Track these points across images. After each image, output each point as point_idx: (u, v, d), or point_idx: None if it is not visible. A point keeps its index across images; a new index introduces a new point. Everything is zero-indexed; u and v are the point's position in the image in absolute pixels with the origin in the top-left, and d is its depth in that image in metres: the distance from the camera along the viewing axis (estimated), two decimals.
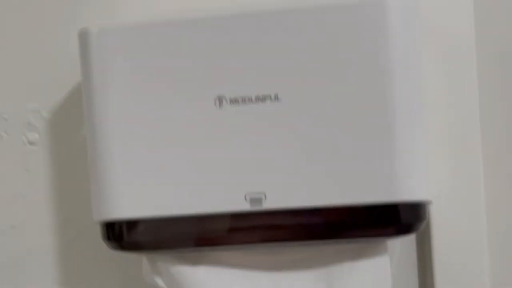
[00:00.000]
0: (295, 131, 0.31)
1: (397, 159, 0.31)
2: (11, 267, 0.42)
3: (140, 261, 0.39)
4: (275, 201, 0.31)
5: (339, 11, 0.30)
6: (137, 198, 0.32)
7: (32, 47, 0.41)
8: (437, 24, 0.37)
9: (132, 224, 0.32)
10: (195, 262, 0.34)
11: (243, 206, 0.31)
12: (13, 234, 0.42)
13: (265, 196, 0.31)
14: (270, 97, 0.31)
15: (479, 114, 0.38)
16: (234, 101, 0.31)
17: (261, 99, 0.31)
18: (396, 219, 0.31)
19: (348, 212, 0.31)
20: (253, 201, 0.31)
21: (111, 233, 0.33)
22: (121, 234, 0.33)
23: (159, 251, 0.33)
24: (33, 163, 0.42)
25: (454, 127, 0.38)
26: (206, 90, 0.31)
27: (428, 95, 0.37)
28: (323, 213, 0.31)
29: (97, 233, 0.39)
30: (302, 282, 0.33)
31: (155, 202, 0.32)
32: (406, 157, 0.31)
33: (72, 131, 0.41)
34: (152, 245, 0.33)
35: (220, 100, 0.31)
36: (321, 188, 0.31)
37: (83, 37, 0.33)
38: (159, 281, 0.34)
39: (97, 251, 0.41)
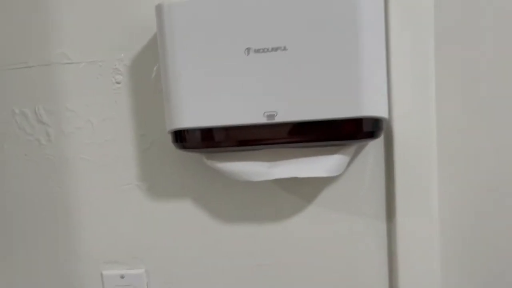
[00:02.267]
0: (296, 72, 0.47)
1: (363, 88, 0.47)
2: (105, 167, 0.61)
3: (194, 159, 0.58)
4: (283, 116, 0.48)
5: None
6: (195, 114, 0.49)
7: (118, 14, 0.57)
8: None
9: (191, 131, 0.50)
10: (230, 159, 0.52)
11: (262, 119, 0.48)
12: (107, 145, 0.61)
13: (276, 113, 0.48)
14: (281, 48, 0.47)
15: (434, 57, 0.53)
16: (257, 50, 0.48)
17: (275, 49, 0.47)
18: (361, 128, 0.48)
19: (330, 123, 0.48)
20: (269, 116, 0.48)
21: (178, 138, 0.51)
22: (184, 138, 0.51)
23: (208, 150, 0.51)
24: (119, 96, 0.60)
25: (415, 66, 0.52)
26: (240, 44, 0.48)
27: (394, 43, 0.52)
28: (313, 124, 0.48)
29: (163, 143, 0.58)
30: (293, 164, 0.50)
31: (207, 117, 0.49)
32: (369, 87, 0.47)
33: (145, 74, 0.58)
34: (204, 145, 0.51)
35: (248, 50, 0.48)
36: (312, 108, 0.47)
37: (159, 9, 0.49)
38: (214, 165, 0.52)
39: (164, 155, 0.60)
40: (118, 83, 0.59)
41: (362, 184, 0.56)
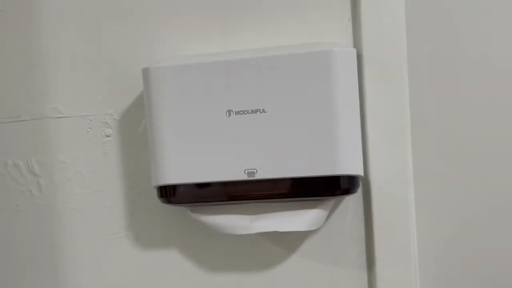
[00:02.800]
0: (274, 132, 0.50)
1: (338, 149, 0.49)
2: (93, 217, 0.63)
3: (180, 211, 0.60)
4: (263, 174, 0.50)
5: (300, 58, 0.49)
6: (178, 171, 0.52)
7: (107, 72, 0.61)
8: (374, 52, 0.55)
9: (175, 187, 0.53)
10: (214, 212, 0.55)
11: (243, 176, 0.51)
12: (96, 196, 0.63)
13: (256, 171, 0.51)
14: (260, 110, 0.50)
15: (409, 110, 0.56)
16: (237, 112, 0.50)
17: (254, 111, 0.50)
18: (338, 185, 0.50)
19: (309, 181, 0.50)
20: (249, 174, 0.51)
21: (163, 193, 0.54)
22: (168, 193, 0.53)
23: (193, 204, 0.54)
24: (108, 148, 0.62)
25: (390, 120, 0.55)
26: (221, 106, 0.51)
27: (369, 103, 0.55)
28: (292, 181, 0.50)
29: (150, 195, 0.61)
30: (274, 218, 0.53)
31: (190, 174, 0.51)
32: (344, 148, 0.50)
33: (133, 128, 0.61)
34: (187, 200, 0.53)
35: (229, 112, 0.51)
36: (290, 166, 0.50)
37: (145, 72, 0.53)
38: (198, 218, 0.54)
39: (151, 207, 0.62)
40: (107, 136, 0.62)
41: (343, 235, 0.59)
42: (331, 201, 0.54)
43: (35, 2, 0.62)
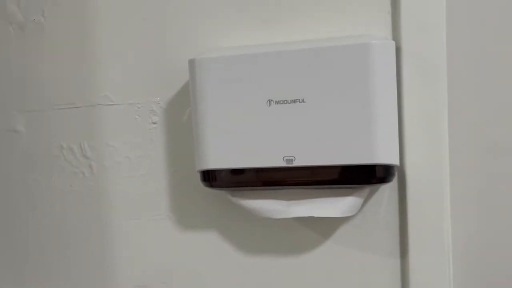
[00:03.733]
0: (313, 122, 0.52)
1: (375, 138, 0.51)
2: (140, 199, 0.67)
3: (220, 196, 0.63)
4: (301, 161, 0.53)
5: (339, 50, 0.51)
6: (220, 157, 0.55)
7: (155, 62, 0.64)
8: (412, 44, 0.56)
9: (217, 172, 0.56)
10: (253, 197, 0.58)
11: (281, 163, 0.53)
12: (142, 179, 0.67)
13: (295, 158, 0.53)
14: (299, 100, 0.52)
15: (446, 103, 0.57)
16: (277, 102, 0.53)
17: (294, 101, 0.53)
18: (373, 174, 0.52)
19: (345, 169, 0.52)
20: (287, 161, 0.53)
21: (206, 177, 0.57)
22: (211, 177, 0.56)
23: (233, 188, 0.57)
24: (154, 135, 0.66)
25: (428, 112, 0.56)
26: (262, 96, 0.53)
27: (407, 95, 0.56)
28: (329, 169, 0.52)
29: (193, 180, 0.64)
30: (310, 204, 0.55)
31: (232, 159, 0.54)
32: (381, 137, 0.51)
33: (178, 116, 0.65)
34: (228, 185, 0.56)
35: (270, 101, 0.53)
36: (327, 154, 0.52)
37: (191, 63, 0.56)
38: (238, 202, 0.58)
39: (193, 191, 0.65)
40: (154, 123, 0.66)
41: (377, 223, 0.60)
42: (366, 189, 0.56)
43: None
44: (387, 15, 0.58)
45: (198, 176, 0.63)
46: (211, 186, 0.57)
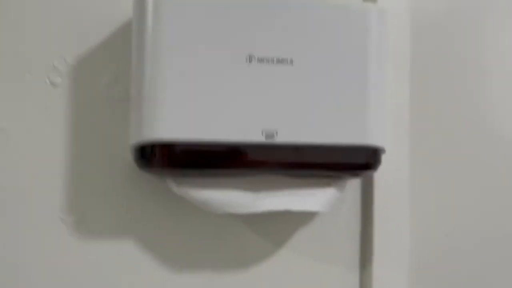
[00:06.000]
0: (301, 89, 0.42)
1: (371, 117, 0.43)
2: (22, 197, 0.46)
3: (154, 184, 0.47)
4: (284, 137, 0.41)
5: (336, 10, 0.43)
6: (178, 124, 0.39)
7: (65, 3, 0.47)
8: None
9: (167, 146, 0.40)
10: (208, 186, 0.43)
11: (259, 138, 0.41)
12: (26, 166, 0.46)
13: (277, 133, 0.41)
14: (286, 60, 0.42)
15: (409, 102, 0.53)
16: (260, 60, 0.41)
17: (280, 61, 0.42)
18: (367, 158, 0.44)
19: (335, 150, 0.42)
20: (268, 135, 0.41)
21: (146, 154, 0.41)
22: (156, 154, 0.40)
23: (187, 170, 0.42)
24: (52, 102, 0.47)
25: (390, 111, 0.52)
26: (241, 50, 0.41)
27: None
28: (316, 149, 0.42)
29: (109, 164, 0.46)
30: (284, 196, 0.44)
31: (193, 129, 0.40)
32: (376, 116, 0.44)
33: (93, 77, 0.47)
34: (183, 164, 0.41)
35: (250, 58, 0.41)
36: (317, 131, 0.42)
37: (141, 2, 0.41)
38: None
39: (108, 180, 0.47)
40: (54, 85, 0.47)
41: (337, 227, 0.51)
42: (345, 182, 0.47)
43: None
44: None
45: (115, 160, 0.47)
46: (152, 166, 0.41)
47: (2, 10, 0.46)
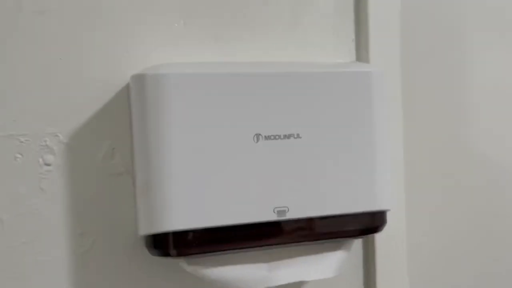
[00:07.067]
0: (311, 162, 0.42)
1: (379, 183, 0.44)
2: (21, 279, 0.44)
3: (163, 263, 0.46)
4: (296, 212, 0.41)
5: (340, 76, 0.43)
6: (185, 213, 0.39)
7: (56, 75, 0.44)
8: None
9: (182, 234, 0.39)
10: (220, 262, 0.43)
11: (271, 216, 0.41)
12: (21, 251, 0.44)
13: (288, 209, 0.41)
14: (294, 135, 0.41)
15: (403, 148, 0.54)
16: (268, 137, 0.41)
17: (287, 136, 0.41)
18: (373, 222, 0.45)
19: (346, 218, 0.43)
20: (279, 212, 0.41)
21: (161, 243, 0.40)
22: (170, 242, 0.39)
23: (200, 254, 0.41)
24: (47, 183, 0.45)
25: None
26: (248, 129, 0.40)
27: None
28: (329, 220, 0.43)
29: (111, 243, 0.45)
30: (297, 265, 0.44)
31: (206, 215, 0.39)
32: (384, 182, 0.44)
33: (89, 154, 0.45)
34: (198, 251, 0.40)
35: (257, 136, 0.41)
36: (328, 203, 0.42)
37: (140, 80, 0.39)
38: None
39: (111, 260, 0.46)
40: (48, 165, 0.45)
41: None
42: (352, 242, 0.48)
43: None
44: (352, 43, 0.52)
45: (118, 237, 0.45)
46: (166, 255, 0.40)
47: None
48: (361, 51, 0.52)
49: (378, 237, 0.51)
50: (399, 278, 0.53)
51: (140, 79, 0.39)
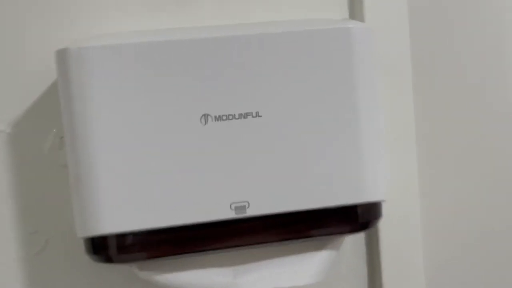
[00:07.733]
0: (274, 145, 0.34)
1: (365, 169, 0.35)
2: None
3: (115, 269, 0.41)
4: (257, 208, 0.34)
5: (311, 35, 0.34)
6: (125, 213, 0.33)
7: None
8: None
9: (120, 238, 0.33)
10: (176, 267, 0.37)
11: (229, 214, 0.34)
12: None
13: (248, 204, 0.34)
14: (252, 114, 0.34)
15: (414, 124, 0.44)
16: (218, 118, 0.33)
17: (244, 115, 0.34)
18: (357, 217, 0.36)
19: (322, 214, 0.35)
20: (238, 209, 0.34)
21: (98, 247, 0.34)
22: (109, 248, 0.34)
23: (147, 260, 0.35)
24: None
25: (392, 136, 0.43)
26: (192, 109, 0.33)
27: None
28: (298, 217, 0.35)
29: (66, 243, 0.40)
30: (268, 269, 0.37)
31: (148, 216, 0.33)
32: (372, 168, 0.35)
33: (36, 144, 0.40)
34: (141, 256, 0.34)
35: (205, 117, 0.33)
36: (298, 196, 0.34)
37: (63, 56, 0.33)
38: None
39: (65, 260, 0.41)
40: None
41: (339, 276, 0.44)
42: (341, 239, 0.39)
43: None
44: None
45: (77, 241, 0.40)
46: (110, 260, 0.34)
47: None
48: (355, 5, 0.42)
49: (383, 232, 0.43)
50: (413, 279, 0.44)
51: (62, 55, 0.33)
